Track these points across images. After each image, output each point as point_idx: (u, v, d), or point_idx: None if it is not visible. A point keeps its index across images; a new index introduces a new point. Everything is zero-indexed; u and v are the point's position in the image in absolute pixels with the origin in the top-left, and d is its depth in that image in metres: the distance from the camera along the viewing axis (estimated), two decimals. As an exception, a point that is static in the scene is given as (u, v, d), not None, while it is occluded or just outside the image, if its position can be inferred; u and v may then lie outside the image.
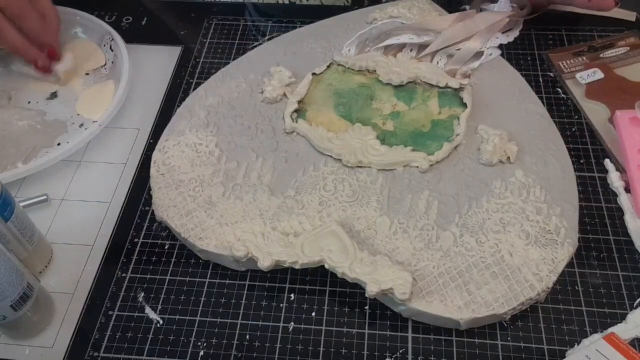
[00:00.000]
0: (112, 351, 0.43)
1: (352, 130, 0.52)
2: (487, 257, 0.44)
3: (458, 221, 0.46)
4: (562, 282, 0.45)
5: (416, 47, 0.59)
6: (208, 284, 0.46)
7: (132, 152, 0.56)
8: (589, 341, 0.41)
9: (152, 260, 0.48)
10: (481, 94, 0.55)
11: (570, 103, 0.57)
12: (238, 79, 0.58)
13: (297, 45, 0.61)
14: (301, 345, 0.43)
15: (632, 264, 0.46)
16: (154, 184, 0.50)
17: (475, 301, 0.41)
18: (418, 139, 0.51)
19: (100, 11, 0.68)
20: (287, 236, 0.45)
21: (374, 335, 0.43)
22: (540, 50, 0.61)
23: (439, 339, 0.43)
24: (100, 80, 0.61)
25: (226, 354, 0.43)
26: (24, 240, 0.45)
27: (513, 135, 0.51)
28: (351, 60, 0.58)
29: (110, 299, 0.46)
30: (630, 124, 0.51)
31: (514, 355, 0.42)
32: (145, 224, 0.50)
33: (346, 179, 0.49)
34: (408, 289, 0.41)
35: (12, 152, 0.54)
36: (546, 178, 0.48)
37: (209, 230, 0.46)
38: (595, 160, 0.52)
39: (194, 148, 0.52)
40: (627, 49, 0.59)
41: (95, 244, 0.49)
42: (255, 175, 0.50)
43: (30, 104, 0.59)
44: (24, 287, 0.41)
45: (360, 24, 0.62)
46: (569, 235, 0.45)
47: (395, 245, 0.45)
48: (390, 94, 0.55)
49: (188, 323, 0.44)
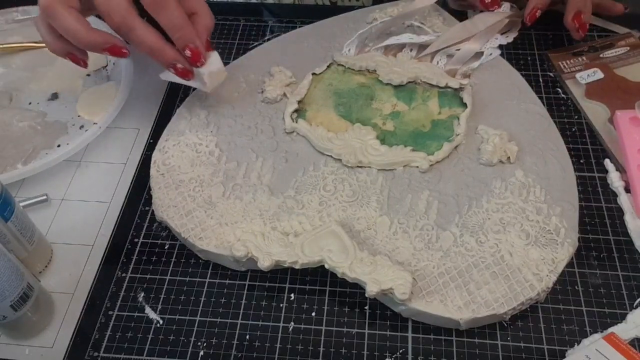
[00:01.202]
0: (112, 351, 0.43)
1: (352, 130, 0.52)
2: (487, 257, 0.44)
3: (458, 221, 0.46)
4: (562, 282, 0.45)
5: (416, 47, 0.59)
6: (208, 284, 0.46)
7: (132, 152, 0.56)
8: (589, 341, 0.41)
9: (152, 260, 0.48)
10: (481, 94, 0.55)
11: (570, 103, 0.57)
12: (238, 79, 0.58)
13: (297, 45, 0.61)
14: (301, 345, 0.43)
15: (632, 264, 0.46)
16: (154, 184, 0.50)
17: (475, 301, 0.41)
18: (418, 139, 0.51)
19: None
20: (287, 236, 0.45)
21: (374, 335, 0.43)
22: (540, 50, 0.61)
23: (439, 339, 0.43)
24: (101, 81, 0.61)
25: (226, 354, 0.43)
26: (24, 240, 0.45)
27: (513, 135, 0.51)
28: (351, 60, 0.58)
29: (110, 299, 0.46)
30: (630, 124, 0.51)
31: (514, 355, 0.42)
32: (145, 224, 0.50)
33: (346, 179, 0.49)
34: (408, 289, 0.41)
35: (12, 153, 0.54)
36: (546, 178, 0.48)
37: (209, 230, 0.46)
38: (595, 160, 0.52)
39: (194, 148, 0.52)
40: (627, 49, 0.59)
41: (95, 244, 0.49)
42: (255, 175, 0.50)
43: (31, 105, 0.59)
44: (24, 287, 0.41)
45: (360, 24, 0.62)
46: (569, 235, 0.45)
47: (395, 245, 0.45)
48: (390, 94, 0.55)
49: (188, 323, 0.44)
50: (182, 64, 0.48)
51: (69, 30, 0.46)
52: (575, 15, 0.58)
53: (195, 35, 0.47)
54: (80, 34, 0.46)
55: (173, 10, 0.46)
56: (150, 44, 0.46)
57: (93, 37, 0.47)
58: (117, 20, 0.45)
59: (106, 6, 0.45)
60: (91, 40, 0.47)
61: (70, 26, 0.46)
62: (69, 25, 0.46)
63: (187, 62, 0.48)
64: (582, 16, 0.58)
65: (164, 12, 0.46)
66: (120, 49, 0.48)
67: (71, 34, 0.46)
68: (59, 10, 0.45)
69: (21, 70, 0.63)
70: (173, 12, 0.46)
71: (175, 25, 0.46)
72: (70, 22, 0.46)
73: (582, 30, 0.59)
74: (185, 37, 0.47)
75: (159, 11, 0.46)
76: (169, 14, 0.46)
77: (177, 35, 0.47)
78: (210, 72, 0.49)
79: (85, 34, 0.46)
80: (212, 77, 0.50)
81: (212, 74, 0.49)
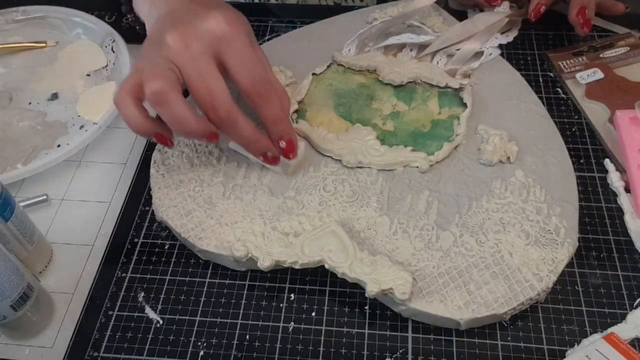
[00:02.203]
0: (112, 351, 0.43)
1: (352, 131, 0.52)
2: (487, 257, 0.44)
3: (458, 221, 0.46)
4: (562, 282, 0.45)
5: (416, 47, 0.59)
6: (208, 284, 0.46)
7: (132, 152, 0.56)
8: (589, 341, 0.41)
9: (152, 260, 0.48)
10: (481, 94, 0.55)
11: (570, 103, 0.57)
12: (238, 79, 0.58)
13: (297, 45, 0.61)
14: (301, 345, 0.43)
15: (632, 264, 0.46)
16: (154, 184, 0.50)
17: (475, 301, 0.41)
18: (418, 139, 0.51)
19: (100, 11, 0.68)
20: (287, 236, 0.45)
21: (374, 335, 0.43)
22: (540, 50, 0.61)
23: (439, 339, 0.43)
24: (101, 81, 0.61)
25: (226, 354, 0.43)
26: (24, 240, 0.45)
27: (513, 135, 0.51)
28: (351, 60, 0.58)
29: (110, 299, 0.46)
30: (630, 124, 0.51)
31: (514, 355, 0.42)
32: (145, 224, 0.50)
33: (346, 179, 0.49)
34: (408, 289, 0.41)
35: (12, 153, 0.54)
36: (546, 178, 0.48)
37: (209, 230, 0.46)
38: (595, 160, 0.52)
39: (193, 148, 0.52)
40: (627, 49, 0.59)
41: (95, 244, 0.49)
42: (255, 175, 0.50)
43: (31, 105, 0.59)
44: (24, 287, 0.41)
45: (360, 24, 0.62)
46: (569, 235, 0.45)
47: (395, 245, 0.45)
48: (390, 94, 0.55)
49: (188, 323, 0.44)
50: (272, 153, 0.47)
51: (180, 119, 0.42)
52: (579, 11, 0.58)
53: (292, 129, 0.48)
54: (190, 124, 0.43)
55: (275, 104, 0.46)
56: (249, 136, 0.45)
57: (200, 126, 0.43)
58: (223, 114, 0.43)
59: (210, 99, 0.43)
60: (198, 130, 0.43)
61: (182, 115, 0.42)
62: (181, 114, 0.42)
63: (280, 152, 0.47)
64: (587, 11, 0.58)
65: (268, 105, 0.45)
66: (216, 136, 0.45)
67: (180, 123, 0.43)
68: (172, 98, 0.42)
69: (21, 70, 0.63)
70: (275, 105, 0.46)
71: (276, 119, 0.46)
72: (184, 111, 0.42)
73: (586, 26, 0.58)
74: (282, 130, 0.47)
75: (264, 104, 0.45)
76: (271, 107, 0.46)
77: (274, 126, 0.46)
78: (297, 161, 0.49)
79: (195, 123, 0.43)
80: (297, 166, 0.50)
81: (298, 162, 0.49)
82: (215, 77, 0.43)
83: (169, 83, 0.42)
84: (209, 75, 0.43)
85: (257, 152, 0.47)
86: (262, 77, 0.45)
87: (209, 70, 0.43)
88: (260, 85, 0.44)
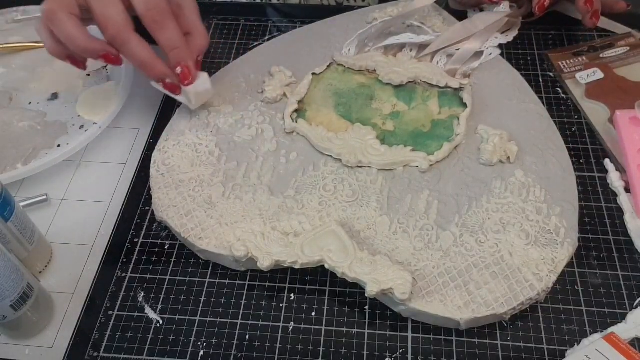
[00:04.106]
0: (112, 351, 0.43)
1: (352, 130, 0.52)
2: (487, 257, 0.44)
3: (458, 221, 0.46)
4: (562, 282, 0.45)
5: (416, 47, 0.59)
6: (208, 284, 0.46)
7: (132, 152, 0.56)
8: (589, 341, 0.41)
9: (152, 260, 0.48)
10: (481, 94, 0.55)
11: (570, 103, 0.57)
12: (238, 79, 0.58)
13: (297, 45, 0.61)
14: (301, 345, 0.43)
15: (632, 264, 0.46)
16: (154, 184, 0.50)
17: (475, 301, 0.41)
18: (418, 139, 0.51)
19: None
20: (287, 236, 0.45)
21: (374, 335, 0.43)
22: (540, 50, 0.61)
23: (439, 339, 0.43)
24: (101, 81, 0.61)
25: (226, 354, 0.43)
26: (24, 240, 0.45)
27: (513, 135, 0.51)
28: (351, 60, 0.58)
29: (110, 299, 0.46)
30: (630, 124, 0.51)
31: (514, 355, 0.42)
32: (145, 224, 0.50)
33: (346, 179, 0.49)
34: (408, 289, 0.41)
35: (12, 153, 0.54)
36: (546, 178, 0.48)
37: (209, 230, 0.46)
38: (595, 160, 0.52)
39: (194, 148, 0.52)
40: (627, 49, 0.59)
41: (95, 244, 0.49)
42: (255, 175, 0.50)
43: (31, 104, 0.59)
44: (24, 287, 0.41)
45: (360, 24, 0.62)
46: (569, 235, 0.45)
47: (395, 245, 0.45)
48: (390, 94, 0.55)
49: (188, 323, 0.44)
50: (171, 79, 0.50)
51: (68, 36, 0.48)
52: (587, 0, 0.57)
53: (189, 55, 0.50)
54: (78, 41, 0.48)
55: (171, 30, 0.48)
56: (142, 58, 0.48)
57: (90, 44, 0.48)
58: (112, 32, 0.47)
59: (103, 17, 0.47)
60: (88, 47, 0.48)
61: (69, 32, 0.47)
62: (68, 32, 0.47)
63: (177, 80, 0.50)
64: (594, 1, 0.57)
65: (163, 31, 0.48)
66: (115, 57, 0.49)
67: (70, 40, 0.48)
68: (59, 16, 0.47)
69: (21, 70, 0.63)
70: (171, 31, 0.48)
71: (172, 44, 0.49)
72: (70, 29, 0.47)
73: (595, 17, 0.58)
74: (179, 56, 0.49)
75: (158, 30, 0.48)
76: (166, 33, 0.48)
77: (171, 53, 0.49)
78: (197, 92, 0.52)
79: (83, 41, 0.48)
80: (198, 96, 0.52)
81: (198, 93, 0.52)
82: (113, 2, 0.47)
83: (60, 3, 0.47)
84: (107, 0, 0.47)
85: (154, 77, 0.50)
86: (157, 4, 0.48)
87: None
88: (155, 12, 0.48)
